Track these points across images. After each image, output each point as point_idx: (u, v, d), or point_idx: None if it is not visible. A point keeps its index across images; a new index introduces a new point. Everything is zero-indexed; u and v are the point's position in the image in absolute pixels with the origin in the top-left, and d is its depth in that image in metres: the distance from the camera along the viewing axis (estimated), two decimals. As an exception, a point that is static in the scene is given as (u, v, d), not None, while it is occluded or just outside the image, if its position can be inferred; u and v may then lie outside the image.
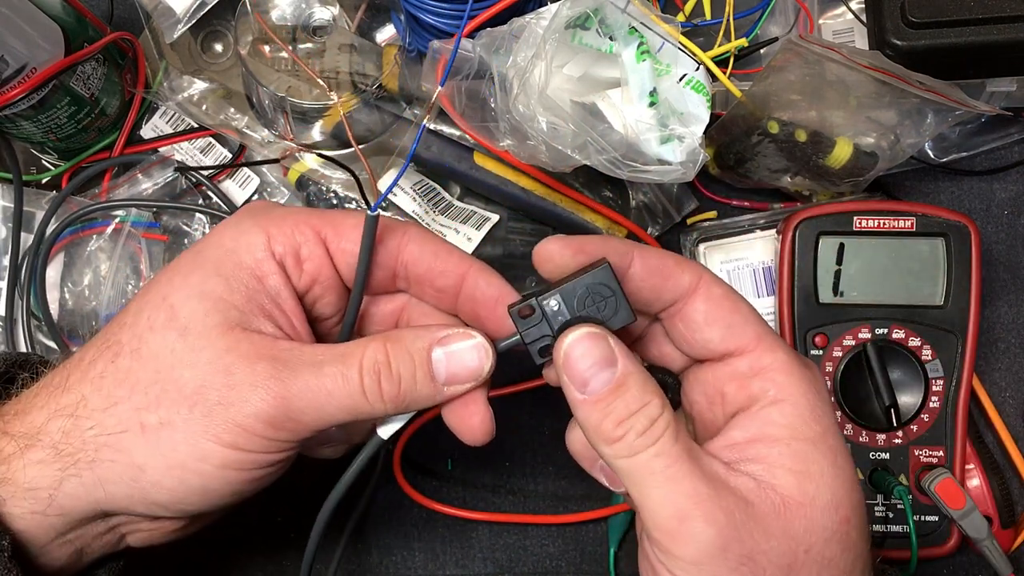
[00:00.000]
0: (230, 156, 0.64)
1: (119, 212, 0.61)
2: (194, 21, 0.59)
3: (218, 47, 0.64)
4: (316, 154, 0.62)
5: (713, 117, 0.56)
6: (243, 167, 0.64)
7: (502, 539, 0.60)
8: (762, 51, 0.62)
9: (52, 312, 0.59)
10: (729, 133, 0.59)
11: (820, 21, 0.64)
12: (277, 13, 0.60)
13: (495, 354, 0.38)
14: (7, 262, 0.60)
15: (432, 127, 0.61)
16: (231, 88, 0.63)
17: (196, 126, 0.64)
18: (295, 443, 0.37)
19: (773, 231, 0.61)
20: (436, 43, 0.54)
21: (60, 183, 0.63)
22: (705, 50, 0.57)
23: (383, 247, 0.40)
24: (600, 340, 0.35)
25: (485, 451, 0.60)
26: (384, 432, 0.39)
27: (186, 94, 0.62)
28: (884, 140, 0.56)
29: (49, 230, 0.60)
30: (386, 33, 0.62)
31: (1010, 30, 0.54)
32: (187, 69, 0.63)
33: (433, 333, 0.38)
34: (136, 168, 0.62)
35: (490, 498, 0.60)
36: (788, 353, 0.37)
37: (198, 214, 0.63)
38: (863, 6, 0.60)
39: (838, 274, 0.58)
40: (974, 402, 0.61)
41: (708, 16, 0.63)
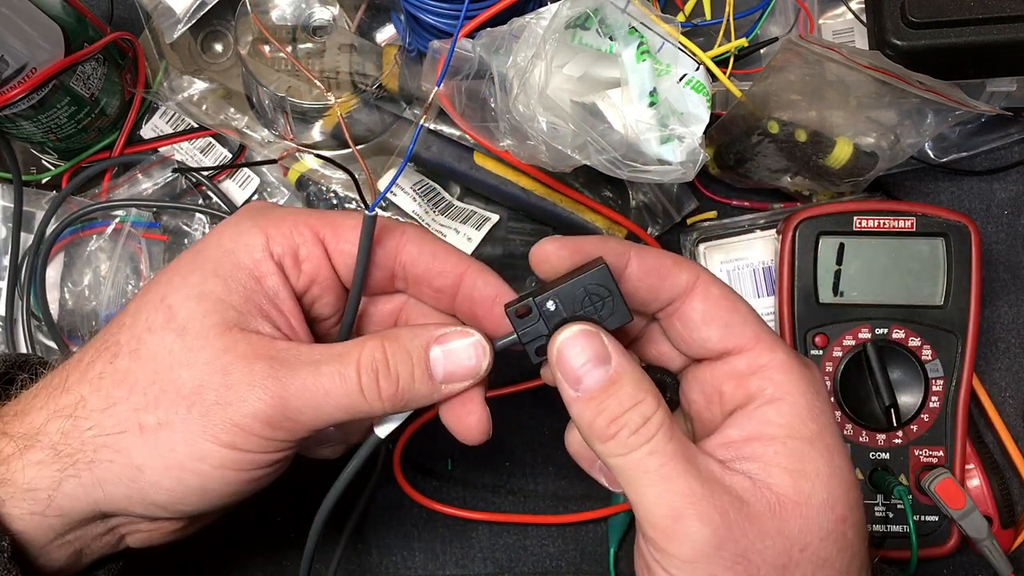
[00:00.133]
0: (230, 156, 0.64)
1: (119, 212, 0.61)
2: (194, 21, 0.59)
3: (218, 47, 0.64)
4: (315, 155, 0.62)
5: (713, 117, 0.56)
6: (243, 167, 0.64)
7: (502, 539, 0.60)
8: (762, 51, 0.62)
9: (52, 312, 0.59)
10: (729, 133, 0.59)
11: (820, 21, 0.64)
12: (277, 13, 0.60)
13: (493, 352, 0.38)
14: (7, 262, 0.60)
15: (432, 127, 0.61)
16: (231, 88, 0.63)
17: (196, 126, 0.64)
18: (293, 443, 0.37)
19: (773, 231, 0.61)
20: (436, 43, 0.54)
21: (60, 183, 0.63)
22: (705, 50, 0.57)
23: (381, 247, 0.40)
24: (594, 337, 0.35)
25: (485, 451, 0.61)
26: (381, 431, 0.39)
27: (186, 94, 0.62)
28: (884, 140, 0.56)
29: (49, 230, 0.60)
30: (386, 33, 0.62)
31: (1010, 30, 0.54)
32: (187, 69, 0.63)
33: (431, 331, 0.38)
34: (136, 168, 0.62)
35: (490, 498, 0.60)
36: (787, 352, 0.37)
37: (198, 214, 0.63)
38: (863, 6, 0.60)
39: (838, 274, 0.58)
40: (974, 402, 0.61)
41: (708, 16, 0.63)
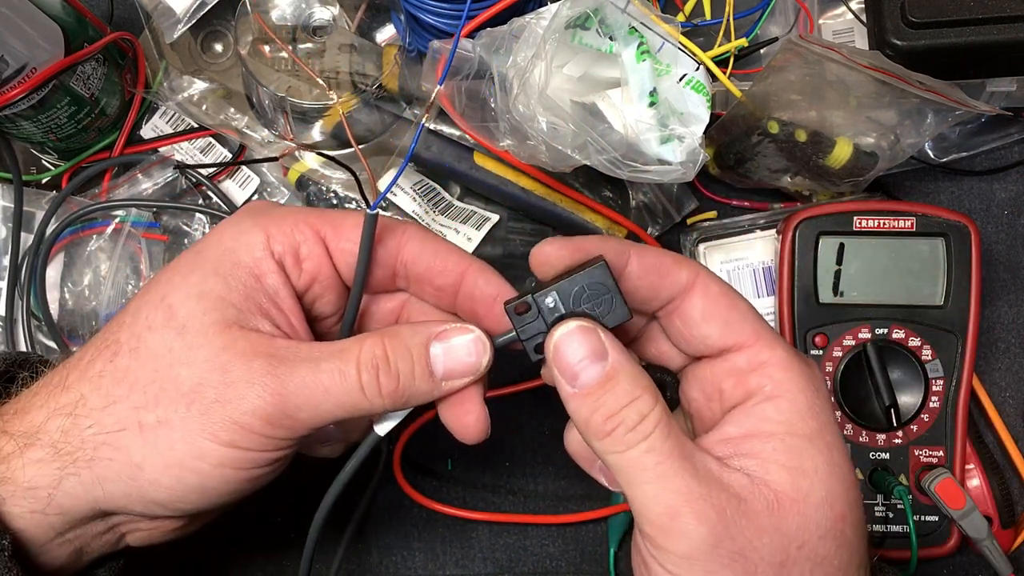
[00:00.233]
0: (230, 156, 0.64)
1: (119, 212, 0.61)
2: (194, 21, 0.59)
3: (218, 47, 0.64)
4: (317, 153, 0.62)
5: (713, 117, 0.56)
6: (243, 166, 0.64)
7: (502, 539, 0.60)
8: (762, 51, 0.62)
9: (52, 312, 0.59)
10: (729, 133, 0.59)
11: (820, 21, 0.64)
12: (277, 13, 0.60)
13: (493, 349, 0.38)
14: (7, 262, 0.60)
15: (432, 127, 0.61)
16: (231, 88, 0.63)
17: (196, 126, 0.64)
18: (293, 441, 0.37)
19: (773, 231, 0.61)
20: (436, 43, 0.54)
21: (60, 183, 0.63)
22: (705, 50, 0.57)
23: (382, 246, 0.40)
24: (590, 333, 0.35)
25: (485, 451, 0.61)
26: (381, 429, 0.39)
27: (186, 94, 0.62)
28: (884, 140, 0.56)
29: (49, 230, 0.60)
30: (386, 33, 0.62)
31: (1010, 30, 0.54)
32: (187, 69, 0.63)
33: (431, 328, 0.38)
34: (136, 168, 0.62)
35: (490, 498, 0.60)
36: (787, 350, 0.36)
37: (198, 214, 0.63)
38: (863, 6, 0.60)
39: (838, 274, 0.58)
40: (974, 402, 0.61)
41: (708, 16, 0.63)
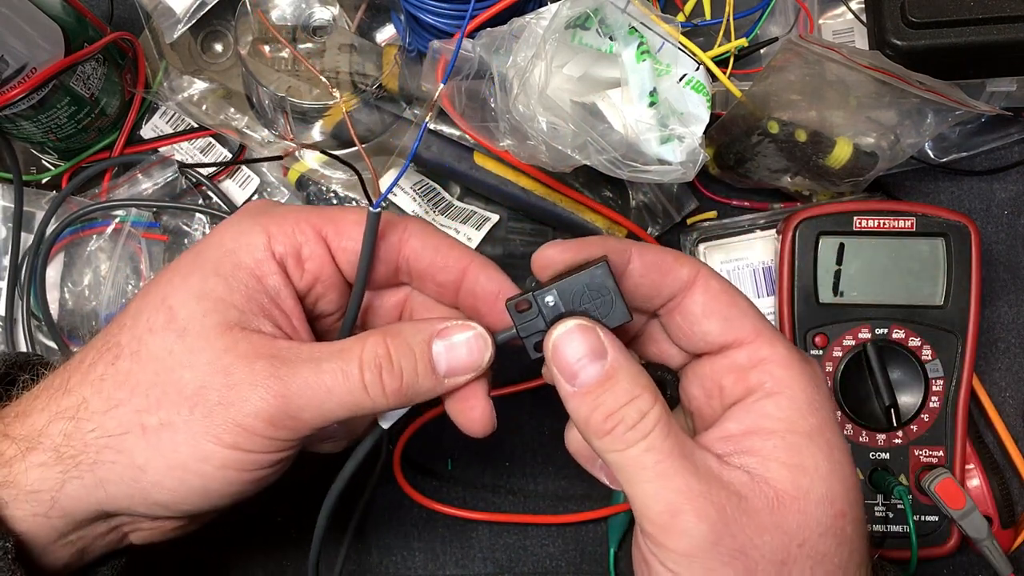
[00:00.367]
0: (230, 156, 0.64)
1: (119, 212, 0.61)
2: (194, 21, 0.59)
3: (218, 47, 0.64)
4: (321, 151, 0.62)
5: (713, 117, 0.56)
6: (243, 166, 0.64)
7: (502, 539, 0.60)
8: (762, 51, 0.62)
9: (52, 312, 0.59)
10: (729, 133, 0.59)
11: (820, 21, 0.64)
12: (277, 13, 0.60)
13: (494, 345, 0.38)
14: (7, 262, 0.60)
15: (432, 127, 0.61)
16: (231, 88, 0.63)
17: (196, 126, 0.64)
18: (296, 442, 0.37)
19: (773, 231, 0.61)
20: (436, 43, 0.54)
21: (60, 183, 0.63)
22: (705, 50, 0.57)
23: (385, 242, 0.40)
24: (590, 332, 0.35)
25: (485, 451, 0.61)
26: (385, 422, 0.40)
27: (186, 94, 0.62)
28: (884, 140, 0.56)
29: (49, 230, 0.60)
30: (386, 33, 0.62)
31: (1010, 30, 0.54)
32: (187, 69, 0.63)
33: (432, 326, 0.38)
34: (136, 168, 0.62)
35: (490, 498, 0.60)
36: (787, 347, 0.36)
37: (198, 214, 0.63)
38: (863, 6, 0.60)
39: (838, 274, 0.58)
40: (974, 402, 0.61)
41: (708, 16, 0.63)
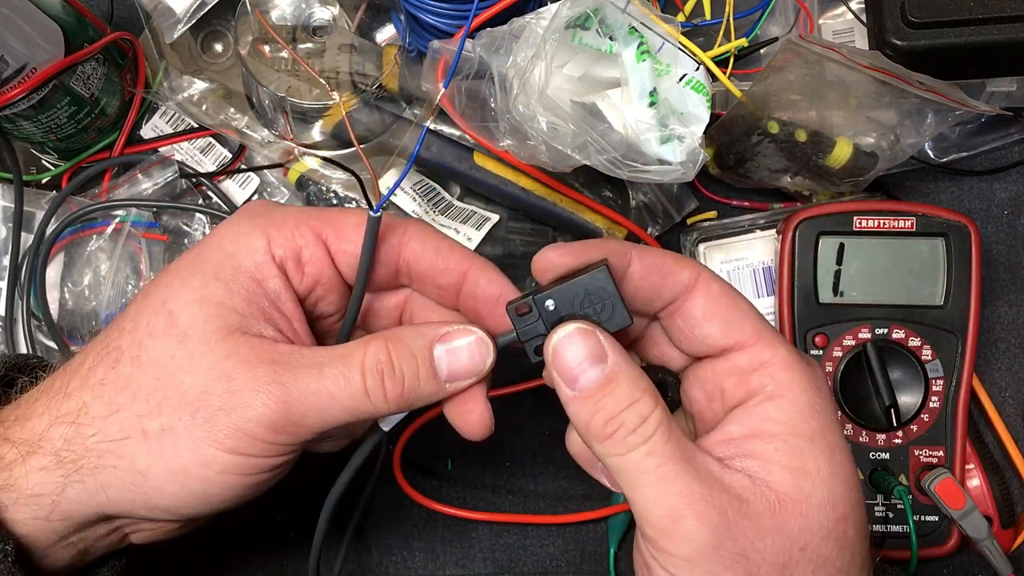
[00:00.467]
0: (230, 156, 0.64)
1: (119, 212, 0.61)
2: (194, 21, 0.59)
3: (218, 47, 0.64)
4: (320, 157, 0.62)
5: (713, 117, 0.56)
6: (247, 172, 0.64)
7: (502, 539, 0.60)
8: (762, 51, 0.62)
9: (52, 312, 0.59)
10: (729, 133, 0.59)
11: (820, 21, 0.64)
12: (277, 13, 0.60)
13: (495, 349, 0.38)
14: (7, 262, 0.60)
15: (432, 127, 0.61)
16: (231, 88, 0.63)
17: (196, 126, 0.64)
18: (297, 446, 0.37)
19: (773, 231, 0.61)
20: (436, 43, 0.54)
21: (60, 183, 0.63)
22: (705, 50, 0.57)
23: (385, 245, 0.40)
24: (590, 336, 0.35)
25: (485, 451, 0.61)
26: (386, 424, 0.40)
27: (186, 94, 0.62)
28: (884, 140, 0.56)
29: (49, 230, 0.60)
30: (386, 33, 0.62)
31: (1010, 30, 0.54)
32: (187, 69, 0.63)
33: (434, 330, 0.38)
34: (136, 168, 0.62)
35: (490, 498, 0.60)
36: (789, 349, 0.36)
37: (198, 214, 0.63)
38: (863, 6, 0.60)
39: (838, 274, 0.58)
40: (974, 402, 0.61)
41: (708, 16, 0.63)
